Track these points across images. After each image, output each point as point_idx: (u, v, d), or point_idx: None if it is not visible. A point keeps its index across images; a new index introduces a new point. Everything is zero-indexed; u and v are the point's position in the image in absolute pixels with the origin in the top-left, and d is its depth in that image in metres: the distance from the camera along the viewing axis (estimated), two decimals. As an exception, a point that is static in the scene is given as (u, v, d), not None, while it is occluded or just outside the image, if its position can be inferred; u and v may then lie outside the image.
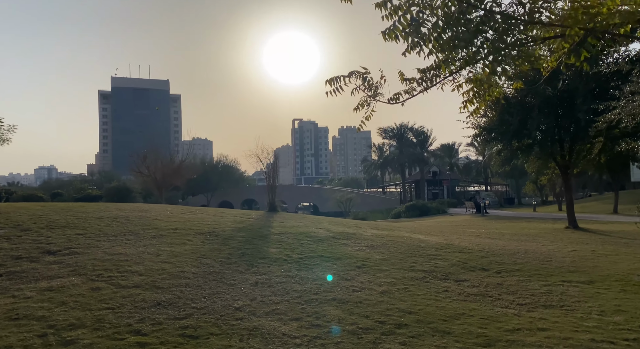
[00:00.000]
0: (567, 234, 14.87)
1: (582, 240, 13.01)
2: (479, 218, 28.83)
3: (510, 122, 15.60)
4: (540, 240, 13.08)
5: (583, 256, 9.65)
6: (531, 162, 18.05)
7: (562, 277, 7.69)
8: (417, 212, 42.59)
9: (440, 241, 11.33)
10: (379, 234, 11.63)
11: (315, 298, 6.01)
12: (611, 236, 13.98)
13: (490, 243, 11.60)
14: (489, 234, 14.76)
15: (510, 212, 39.16)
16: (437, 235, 13.09)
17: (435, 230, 15.39)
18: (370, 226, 14.47)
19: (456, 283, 7.17)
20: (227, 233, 9.75)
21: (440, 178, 69.23)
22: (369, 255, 8.71)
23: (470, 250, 10.13)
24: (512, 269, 8.28)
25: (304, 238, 9.94)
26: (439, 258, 8.89)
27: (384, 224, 19.06)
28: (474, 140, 17.32)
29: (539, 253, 10.13)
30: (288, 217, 14.65)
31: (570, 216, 16.85)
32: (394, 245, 9.92)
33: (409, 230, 14.21)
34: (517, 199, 64.06)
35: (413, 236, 11.96)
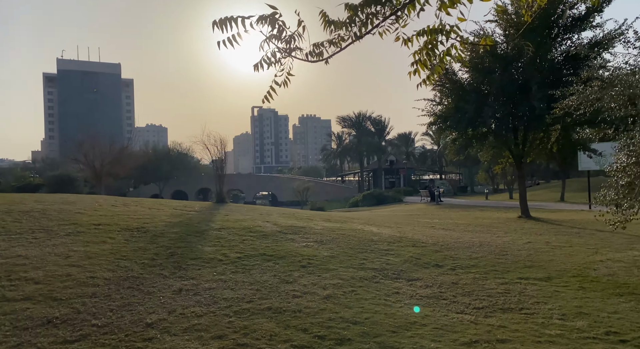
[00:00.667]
0: (520, 224, 14.78)
1: (535, 230, 12.88)
2: (434, 207, 28.92)
3: (465, 109, 15.26)
4: (495, 230, 12.83)
5: (538, 249, 9.34)
6: (485, 150, 17.92)
7: (519, 273, 7.24)
8: (374, 201, 42.58)
9: (394, 233, 10.75)
10: (330, 227, 10.91)
11: (247, 307, 5.17)
12: (562, 226, 13.98)
13: (444, 235, 11.16)
14: (443, 224, 14.42)
15: (464, 200, 39.83)
16: (390, 227, 12.55)
17: (389, 221, 14.89)
18: (323, 217, 13.75)
19: (408, 283, 6.53)
20: (159, 228, 8.69)
21: (397, 167, 69.92)
22: (317, 252, 7.95)
23: (424, 243, 9.60)
24: (468, 265, 7.77)
25: (247, 233, 9.04)
26: (391, 254, 8.26)
27: (339, 215, 18.44)
28: (429, 129, 16.91)
29: (494, 245, 9.75)
30: (235, 209, 13.66)
31: (523, 205, 16.86)
32: (345, 240, 9.22)
33: (363, 222, 13.60)
34: (470, 187, 65.69)
35: (366, 228, 11.32)
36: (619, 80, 7.75)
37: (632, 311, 5.35)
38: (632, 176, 6.65)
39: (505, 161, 18.38)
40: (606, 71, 14.73)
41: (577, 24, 14.31)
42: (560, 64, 14.96)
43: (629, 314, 5.20)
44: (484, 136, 16.44)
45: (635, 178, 6.55)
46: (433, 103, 17.19)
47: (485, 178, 59.27)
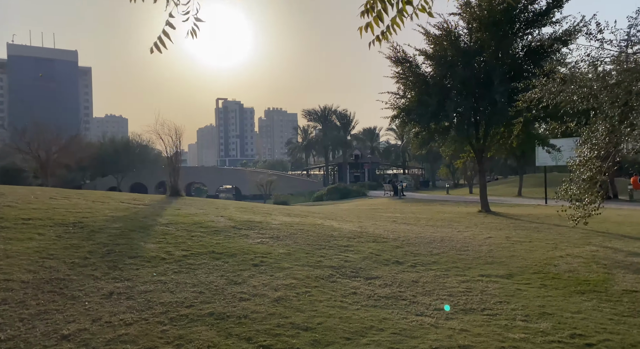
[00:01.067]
0: (480, 218, 14.80)
1: (495, 225, 12.86)
2: (397, 201, 28.99)
3: (428, 103, 15.10)
4: (456, 225, 12.72)
5: (499, 244, 9.20)
6: (447, 145, 17.90)
7: (480, 270, 7.00)
8: (339, 195, 42.42)
9: (355, 228, 10.38)
10: (289, 222, 10.41)
11: (186, 313, 4.60)
12: (521, 220, 14.07)
13: (406, 230, 10.90)
14: (405, 219, 14.22)
15: (426, 195, 40.33)
16: (352, 221, 12.19)
17: (351, 215, 14.55)
18: (283, 212, 13.23)
19: (367, 282, 6.13)
20: (99, 224, 7.91)
21: (361, 161, 70.21)
22: (272, 249, 7.43)
23: (385, 238, 9.27)
24: (429, 261, 7.47)
25: (197, 229, 8.40)
26: (351, 250, 7.86)
27: (301, 209, 17.97)
28: (393, 122, 16.70)
29: (455, 241, 9.54)
30: (189, 203, 12.92)
31: (483, 200, 16.95)
32: (303, 235, 8.75)
33: (324, 216, 13.18)
34: (431, 182, 66.84)
35: (326, 223, 10.90)
36: (580, 73, 7.64)
37: (594, 310, 5.16)
38: (593, 170, 6.51)
39: (467, 156, 18.46)
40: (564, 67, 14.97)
41: (538, 18, 14.39)
42: (521, 59, 15.02)
43: (592, 314, 5.00)
44: (446, 130, 16.37)
45: (597, 172, 6.42)
46: (397, 96, 16.97)
47: (446, 173, 60.37)
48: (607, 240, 9.68)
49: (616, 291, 5.88)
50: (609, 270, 7.03)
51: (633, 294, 5.72)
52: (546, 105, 8.25)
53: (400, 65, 16.60)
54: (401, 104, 16.53)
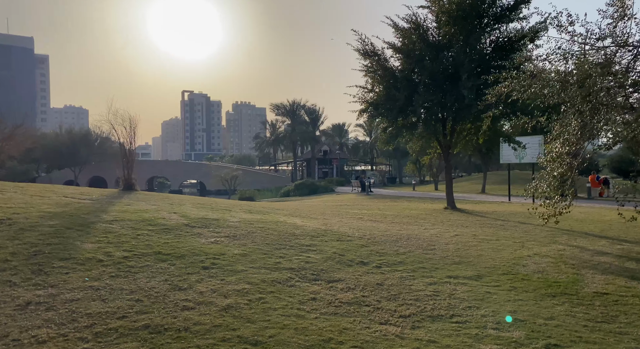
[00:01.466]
0: (446, 215, 14.62)
1: (461, 222, 12.67)
2: (364, 197, 28.77)
3: (397, 97, 14.77)
4: (422, 222, 12.44)
5: (466, 243, 8.92)
6: (415, 141, 17.68)
7: (447, 271, 6.64)
8: (306, 191, 41.92)
9: (319, 226, 9.88)
10: (249, 219, 9.79)
11: (117, 326, 3.96)
12: (487, 218, 13.98)
13: (371, 228, 10.49)
14: (371, 215, 13.86)
15: (393, 191, 40.40)
16: (317, 218, 11.69)
17: (317, 212, 14.05)
18: (245, 208, 12.58)
19: (328, 286, 5.63)
20: (31, 220, 7.06)
21: (330, 157, 69.96)
22: (226, 249, 6.82)
23: (350, 237, 8.82)
24: (394, 261, 7.06)
25: (145, 227, 7.68)
26: (313, 250, 7.35)
27: (265, 205, 17.34)
28: (360, 116, 16.19)
29: (421, 239, 9.20)
30: (143, 198, 12.08)
31: (449, 197, 16.83)
32: (263, 234, 8.17)
33: (288, 213, 12.63)
34: (398, 178, 67.45)
35: (289, 220, 10.35)
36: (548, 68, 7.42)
37: (567, 315, 4.86)
38: (564, 167, 6.26)
39: (434, 152, 18.32)
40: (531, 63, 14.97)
41: (505, 13, 14.29)
42: (489, 55, 14.91)
43: (565, 321, 4.68)
44: (413, 125, 16.11)
45: (568, 169, 6.16)
46: (365, 90, 16.57)
47: (413, 169, 61.04)
48: (572, 239, 9.59)
49: (587, 293, 5.63)
50: (578, 270, 6.82)
51: (604, 297, 5.47)
52: (516, 99, 7.99)
53: (369, 58, 16.20)
54: (369, 98, 16.15)
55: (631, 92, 6.44)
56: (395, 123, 15.80)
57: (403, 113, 15.38)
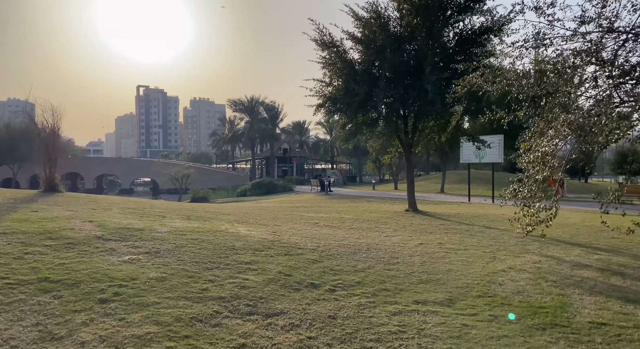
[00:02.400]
0: (408, 219, 13.68)
1: (424, 227, 11.72)
2: (323, 198, 27.64)
3: (356, 91, 13.68)
4: (383, 228, 11.39)
5: (432, 254, 7.88)
6: (375, 138, 16.67)
7: (414, 293, 5.52)
8: (263, 190, 40.36)
9: (266, 235, 8.56)
10: (183, 228, 8.34)
11: None
12: (450, 221, 13.14)
13: (327, 236, 9.30)
14: (328, 220, 12.69)
15: (352, 190, 39.55)
16: (266, 225, 10.37)
17: (268, 216, 12.72)
18: (184, 213, 11.07)
19: (265, 323, 4.35)
20: None
21: (290, 155, 68.56)
22: (140, 272, 5.39)
23: (302, 249, 7.57)
24: (352, 282, 5.87)
25: (41, 242, 6.10)
26: (254, 269, 6.04)
27: (210, 208, 15.81)
28: (317, 111, 14.97)
29: (382, 249, 8.10)
30: (61, 201, 10.34)
31: (410, 198, 15.93)
32: (194, 248, 6.77)
33: (234, 218, 11.23)
34: (358, 177, 67.07)
35: (232, 229, 8.97)
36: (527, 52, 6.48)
37: (568, 360, 3.82)
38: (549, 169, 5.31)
39: (395, 150, 17.41)
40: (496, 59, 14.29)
41: (469, 4, 13.47)
42: (453, 49, 14.09)
43: (569, 370, 3.64)
44: (374, 122, 15.07)
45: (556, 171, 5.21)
46: (323, 84, 15.37)
47: (372, 168, 60.81)
48: (544, 246, 8.79)
49: (582, 324, 4.65)
50: (562, 289, 5.89)
51: (603, 330, 4.51)
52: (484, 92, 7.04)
53: (327, 50, 15.02)
54: (327, 92, 14.96)
55: (620, 83, 5.61)
56: (354, 119, 14.70)
57: (363, 109, 14.30)
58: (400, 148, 16.04)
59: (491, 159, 23.27)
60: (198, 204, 17.08)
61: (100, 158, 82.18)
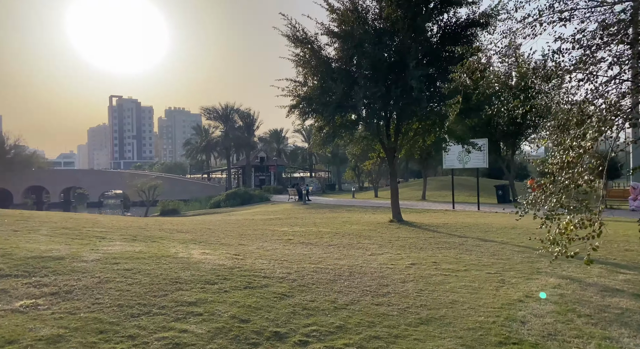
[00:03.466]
0: (394, 231, 12.29)
1: (413, 241, 10.34)
2: (300, 208, 26.08)
3: (333, 90, 12.28)
4: (366, 243, 9.95)
5: (428, 278, 6.46)
6: (355, 143, 15.28)
7: (415, 344, 4.06)
8: (239, 200, 38.51)
9: (225, 261, 6.98)
10: (120, 254, 6.70)
11: None
12: (440, 233, 11.81)
13: (301, 258, 7.79)
14: (304, 235, 11.19)
15: (332, 199, 38.11)
16: (229, 245, 8.78)
17: (234, 233, 11.12)
18: (129, 234, 9.39)
19: None
20: None
21: (267, 164, 66.76)
22: (26, 329, 3.77)
23: (268, 277, 6.04)
24: (330, 328, 4.37)
25: None
26: (198, 314, 4.48)
27: (163, 226, 14.09)
28: (291, 112, 13.50)
29: (368, 274, 6.64)
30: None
31: (394, 208, 14.55)
32: (123, 284, 5.16)
33: (192, 237, 9.60)
34: (338, 185, 65.72)
35: (184, 252, 7.35)
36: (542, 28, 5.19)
37: None
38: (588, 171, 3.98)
39: (376, 156, 16.07)
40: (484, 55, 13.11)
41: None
42: (437, 43, 12.88)
43: None
44: (353, 124, 13.69)
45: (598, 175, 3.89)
46: (297, 84, 13.91)
47: (352, 176, 59.60)
48: (555, 264, 7.49)
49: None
50: (604, 328, 4.54)
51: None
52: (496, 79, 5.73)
53: (300, 46, 13.61)
54: (302, 92, 13.52)
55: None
56: (332, 121, 13.26)
57: (341, 110, 12.89)
58: (383, 153, 14.70)
59: (475, 164, 22.21)
60: (158, 219, 15.29)
61: (66, 170, 78.47)
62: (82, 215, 13.13)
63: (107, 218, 12.86)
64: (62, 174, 70.21)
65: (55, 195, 64.90)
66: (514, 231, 12.00)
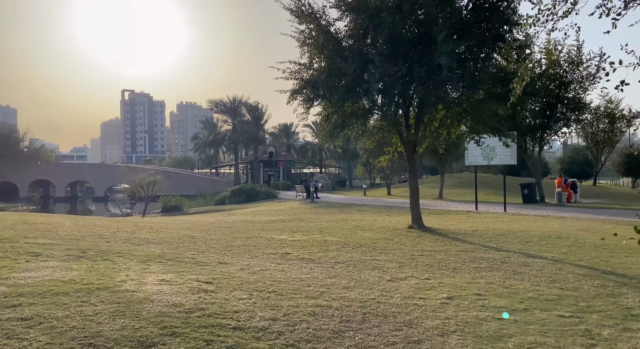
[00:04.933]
0: (415, 241, 10.22)
1: (442, 257, 8.26)
2: (307, 206, 24.08)
3: (343, 70, 10.19)
4: (383, 259, 7.92)
5: (476, 325, 4.42)
6: (368, 135, 13.10)
7: None
8: (244, 197, 36.65)
9: (188, 296, 4.99)
10: (41, 283, 4.78)
11: None
12: (472, 244, 9.72)
13: (296, 286, 5.78)
14: (305, 246, 9.19)
15: (342, 196, 36.07)
16: (205, 264, 6.81)
17: (220, 244, 9.15)
18: (81, 246, 7.49)
19: None
20: None
21: (276, 159, 64.94)
22: None
23: (240, 330, 4.04)
24: None
25: None
26: None
27: (136, 233, 12.20)
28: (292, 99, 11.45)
29: (389, 317, 4.61)
30: None
31: (414, 211, 12.41)
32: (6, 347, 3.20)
33: (159, 252, 7.66)
34: (348, 182, 63.62)
35: (133, 280, 5.37)
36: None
37: None
38: None
39: (393, 150, 13.95)
40: None
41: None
42: (468, 18, 10.68)
43: None
44: (366, 112, 11.55)
45: None
46: (301, 67, 11.82)
47: (363, 172, 57.43)
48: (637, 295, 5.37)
49: None
50: None
51: None
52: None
53: (305, 22, 11.52)
54: (305, 75, 11.44)
55: None
56: (340, 109, 11.15)
57: (351, 95, 10.77)
58: (401, 147, 12.59)
59: (502, 160, 19.92)
60: (139, 222, 13.31)
61: (70, 164, 77.30)
62: (45, 218, 11.20)
63: (74, 222, 10.94)
64: (67, 167, 69.18)
65: (60, 189, 63.89)
66: (561, 242, 9.87)
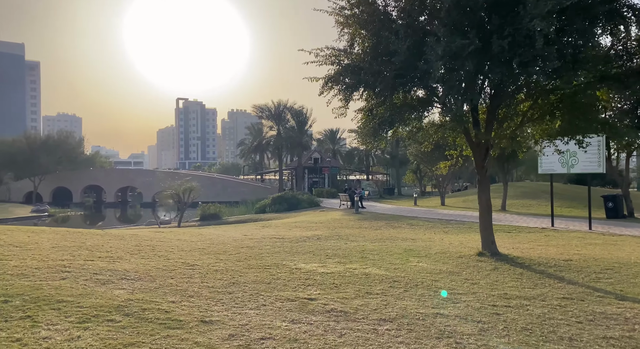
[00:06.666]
0: (493, 278, 7.44)
1: (538, 311, 5.49)
2: (351, 218, 21.51)
3: (394, 48, 7.58)
4: (451, 317, 5.29)
5: None
6: (424, 135, 10.19)
7: None
8: (285, 205, 34.66)
9: None
10: None
11: None
12: (576, 284, 6.82)
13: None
14: (337, 285, 6.70)
15: (390, 206, 33.09)
16: (182, 327, 4.49)
17: (224, 279, 6.85)
18: (4, 287, 5.41)
19: None
20: None
21: (321, 165, 62.91)
22: None
23: None
24: None
25: None
26: None
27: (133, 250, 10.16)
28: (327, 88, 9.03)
29: None
30: None
31: (486, 234, 9.44)
32: None
33: (125, 300, 5.42)
34: (397, 189, 60.27)
35: None
36: None
37: None
38: None
39: (457, 154, 11.11)
40: None
41: None
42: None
43: None
44: (423, 104, 8.75)
45: None
46: (339, 52, 9.38)
47: (412, 179, 53.97)
48: None
49: None
50: None
51: None
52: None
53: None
54: (344, 60, 8.98)
55: None
56: (388, 100, 8.50)
57: (404, 81, 8.12)
58: (467, 151, 9.77)
59: (586, 168, 16.44)
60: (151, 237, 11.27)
61: (120, 170, 79.08)
62: (23, 233, 9.28)
63: (54, 242, 8.92)
64: (118, 173, 70.66)
65: (111, 195, 65.17)
66: None
